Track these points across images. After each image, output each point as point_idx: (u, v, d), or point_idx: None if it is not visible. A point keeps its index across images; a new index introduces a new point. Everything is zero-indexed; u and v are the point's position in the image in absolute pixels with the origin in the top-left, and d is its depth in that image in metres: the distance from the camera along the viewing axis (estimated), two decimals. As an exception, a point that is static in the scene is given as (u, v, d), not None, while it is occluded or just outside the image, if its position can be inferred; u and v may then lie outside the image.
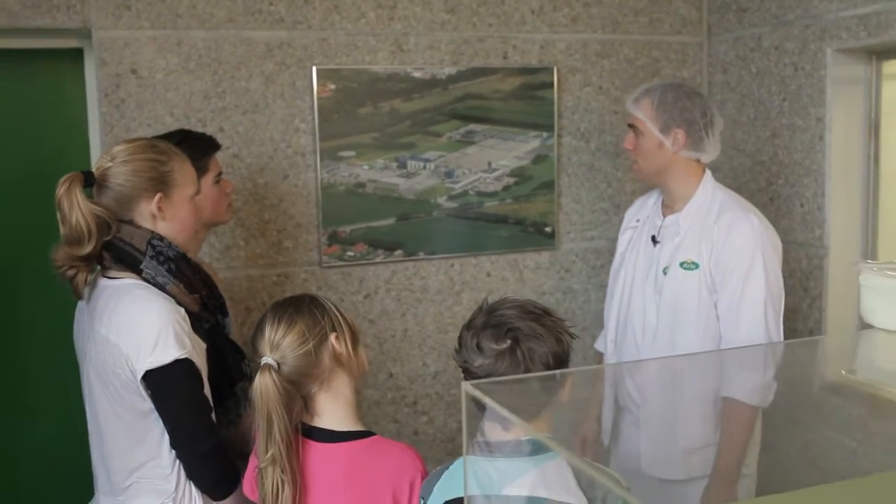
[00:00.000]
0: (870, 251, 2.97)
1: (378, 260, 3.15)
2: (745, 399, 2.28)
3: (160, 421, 1.93)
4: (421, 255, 3.21)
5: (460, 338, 1.74)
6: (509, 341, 1.67)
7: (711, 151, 2.48)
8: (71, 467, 2.80)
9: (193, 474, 1.96)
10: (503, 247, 3.32)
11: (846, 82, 2.93)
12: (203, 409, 1.94)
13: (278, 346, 1.80)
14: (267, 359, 1.80)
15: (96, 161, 2.03)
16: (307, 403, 1.86)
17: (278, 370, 1.79)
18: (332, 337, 1.85)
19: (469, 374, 1.70)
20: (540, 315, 1.71)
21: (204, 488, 1.98)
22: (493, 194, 3.28)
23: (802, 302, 3.04)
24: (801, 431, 2.31)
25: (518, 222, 3.32)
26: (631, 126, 2.50)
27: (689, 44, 3.48)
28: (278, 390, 1.77)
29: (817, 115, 2.96)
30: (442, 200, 3.21)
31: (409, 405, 3.24)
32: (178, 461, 1.95)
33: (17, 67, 2.90)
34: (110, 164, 1.95)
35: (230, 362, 2.15)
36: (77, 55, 2.92)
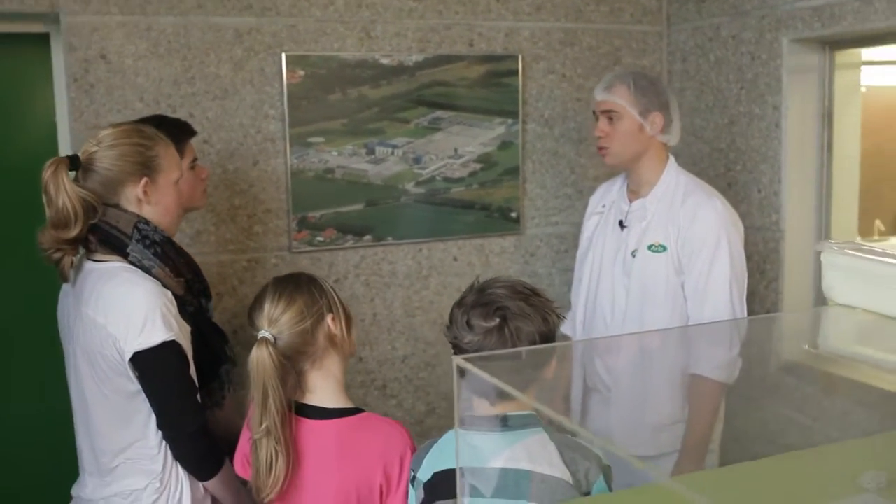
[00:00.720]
0: (824, 235, 3.08)
1: (347, 245, 3.19)
2: (712, 375, 2.36)
3: (147, 402, 1.95)
4: (389, 240, 3.25)
5: (451, 314, 1.79)
6: (498, 319, 1.73)
7: (676, 135, 2.58)
8: (52, 448, 2.79)
9: (180, 454, 1.99)
10: (469, 232, 3.37)
11: (801, 71, 3.04)
12: (189, 391, 1.97)
13: (276, 322, 1.84)
14: (264, 332, 1.84)
15: (82, 146, 2.03)
16: (299, 380, 1.90)
17: (274, 344, 1.83)
18: (329, 318, 1.90)
19: (459, 349, 1.76)
20: (528, 295, 1.77)
21: (190, 468, 2.01)
22: (459, 180, 3.33)
23: (759, 284, 3.15)
24: (762, 404, 2.40)
25: (484, 207, 3.38)
26: (603, 113, 2.56)
27: (650, 33, 3.56)
28: (274, 364, 1.81)
29: (774, 103, 3.06)
30: (410, 186, 3.25)
31: (379, 388, 3.29)
32: (164, 442, 1.98)
33: (-18, 52, 2.87)
34: (96, 148, 1.96)
35: (214, 345, 2.17)
36: (43, 40, 2.89)
